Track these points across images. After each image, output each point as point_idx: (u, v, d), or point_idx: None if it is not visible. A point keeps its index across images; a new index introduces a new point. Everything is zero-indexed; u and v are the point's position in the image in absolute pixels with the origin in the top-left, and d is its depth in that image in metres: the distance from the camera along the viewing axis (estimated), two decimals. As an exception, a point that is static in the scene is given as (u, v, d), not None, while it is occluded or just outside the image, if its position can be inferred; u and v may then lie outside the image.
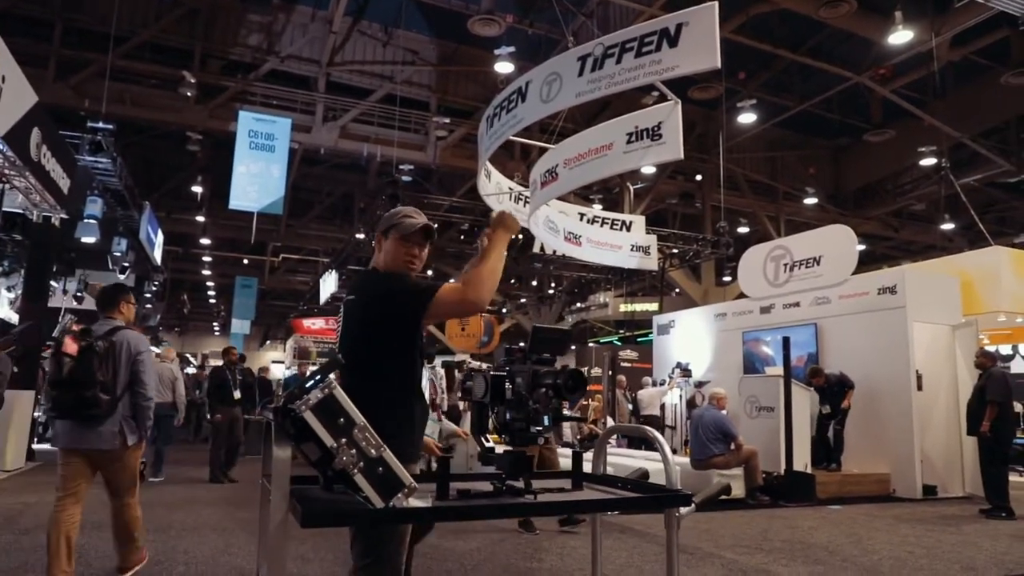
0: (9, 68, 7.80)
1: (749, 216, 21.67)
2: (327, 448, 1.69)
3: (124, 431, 3.95)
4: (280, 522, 1.65)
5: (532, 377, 2.04)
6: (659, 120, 8.67)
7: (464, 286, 2.22)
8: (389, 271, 2.43)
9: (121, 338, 4.04)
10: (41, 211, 9.83)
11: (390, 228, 2.46)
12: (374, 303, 2.32)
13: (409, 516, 1.78)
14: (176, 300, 31.60)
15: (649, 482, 2.29)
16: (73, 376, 3.81)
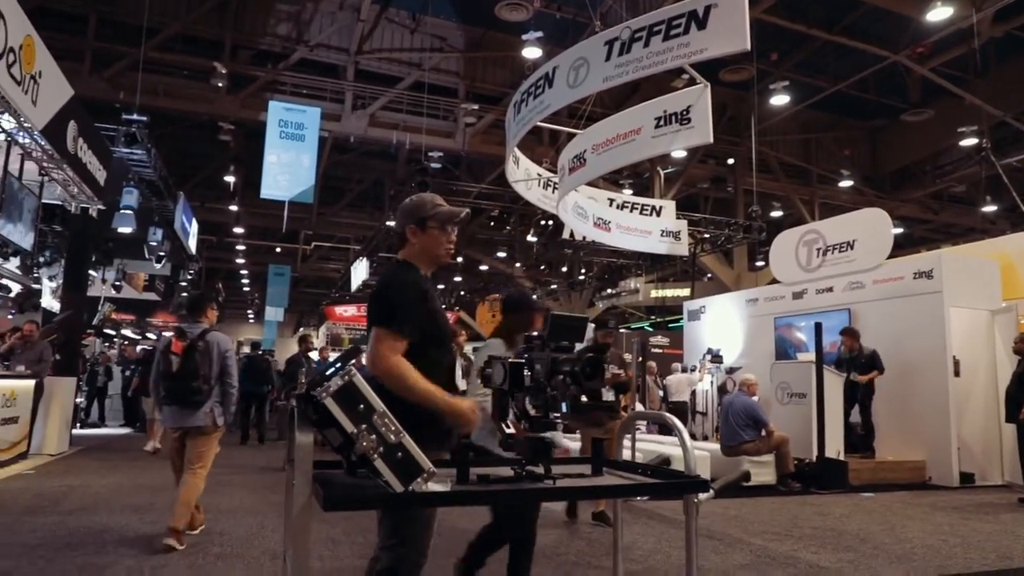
0: (46, 63, 7.96)
1: (782, 200, 21.36)
2: (348, 434, 1.72)
3: (215, 414, 4.86)
4: (303, 506, 1.69)
5: (550, 364, 2.05)
6: (688, 104, 8.59)
7: (386, 355, 2.18)
8: (409, 272, 2.42)
9: (212, 338, 4.96)
10: (79, 202, 10.05)
11: (426, 219, 2.45)
12: (377, 299, 2.36)
13: (428, 500, 1.81)
14: (211, 288, 32.16)
15: (669, 468, 2.29)
16: (181, 370, 4.78)
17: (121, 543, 4.83)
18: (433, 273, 2.61)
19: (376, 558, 2.32)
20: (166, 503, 6.27)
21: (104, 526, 5.30)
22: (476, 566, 3.55)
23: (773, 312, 11.29)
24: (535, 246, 20.75)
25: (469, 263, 27.11)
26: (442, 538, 5.11)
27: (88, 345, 17.74)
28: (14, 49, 7.06)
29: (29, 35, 7.43)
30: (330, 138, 18.26)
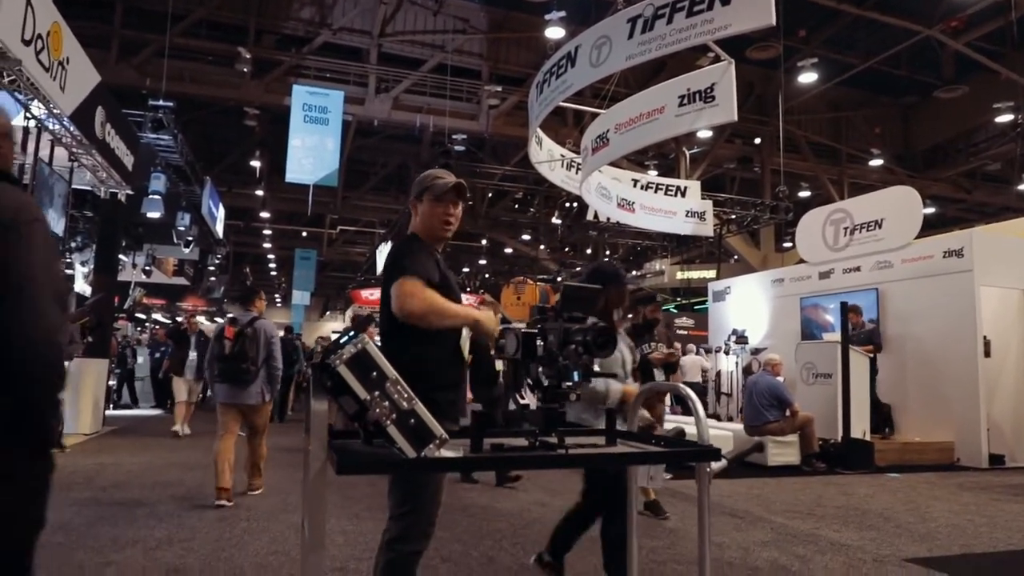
0: (73, 50, 8.09)
1: (811, 180, 21.06)
2: (361, 401, 1.75)
3: (263, 391, 5.60)
4: (318, 471, 1.72)
5: (563, 334, 2.06)
6: (712, 82, 8.50)
7: (412, 291, 2.26)
8: (415, 242, 2.49)
9: (259, 326, 5.68)
10: (108, 188, 10.22)
11: (423, 191, 2.52)
12: (385, 269, 2.43)
13: (440, 465, 1.84)
14: (239, 272, 32.58)
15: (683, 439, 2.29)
16: (233, 353, 5.46)
17: (151, 517, 4.96)
18: (446, 250, 2.65)
19: (387, 529, 2.36)
20: (195, 480, 6.45)
21: (136, 501, 5.43)
22: (565, 550, 3.55)
23: (799, 292, 11.17)
24: (559, 228, 20.70)
25: (493, 246, 27.12)
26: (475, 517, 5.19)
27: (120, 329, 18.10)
28: (42, 36, 7.18)
29: (56, 22, 7.54)
30: (354, 122, 18.32)
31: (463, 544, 4.45)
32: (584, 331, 2.04)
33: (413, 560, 2.32)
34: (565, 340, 2.06)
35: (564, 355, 2.03)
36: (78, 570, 3.68)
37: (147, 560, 3.91)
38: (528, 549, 4.37)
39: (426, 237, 2.52)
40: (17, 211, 1.55)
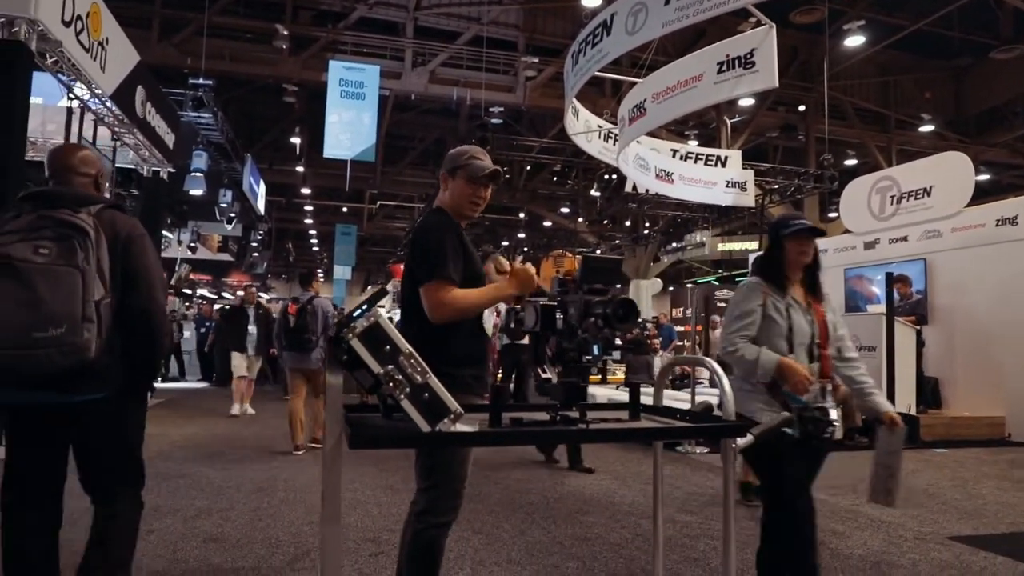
0: (112, 30, 8.19)
1: (857, 147, 20.41)
2: (376, 375, 1.73)
3: (323, 358, 6.40)
4: (334, 443, 1.72)
5: (583, 307, 2.02)
6: (752, 47, 8.27)
7: (443, 302, 2.26)
8: (442, 216, 2.46)
9: (317, 303, 6.76)
10: (150, 166, 10.38)
11: (457, 168, 2.47)
12: (412, 244, 2.42)
13: (454, 440, 1.82)
14: (282, 248, 33.09)
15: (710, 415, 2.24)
16: (297, 326, 6.60)
17: (193, 487, 5.09)
18: (484, 223, 2.62)
19: (415, 501, 2.38)
20: (236, 452, 6.60)
21: (179, 472, 5.58)
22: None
23: (843, 263, 10.87)
24: (598, 200, 20.48)
25: (532, 219, 27.00)
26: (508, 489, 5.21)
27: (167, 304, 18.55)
28: (81, 17, 7.28)
29: (95, 2, 7.63)
30: (391, 96, 18.30)
31: (495, 516, 4.47)
32: (605, 303, 1.99)
33: (441, 531, 2.33)
34: (586, 313, 2.02)
35: (584, 328, 1.99)
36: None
37: (186, 529, 4.01)
38: (559, 523, 4.38)
39: (452, 213, 2.48)
40: (132, 228, 2.30)
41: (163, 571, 3.32)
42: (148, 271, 2.27)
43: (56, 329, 2.00)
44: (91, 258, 2.10)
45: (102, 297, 2.10)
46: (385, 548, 3.75)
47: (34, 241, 2.06)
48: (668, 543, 4.01)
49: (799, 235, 2.73)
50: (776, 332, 2.68)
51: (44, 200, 2.21)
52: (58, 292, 2.02)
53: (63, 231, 2.10)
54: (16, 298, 1.98)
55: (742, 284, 2.89)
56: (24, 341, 1.97)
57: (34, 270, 2.02)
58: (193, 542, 3.77)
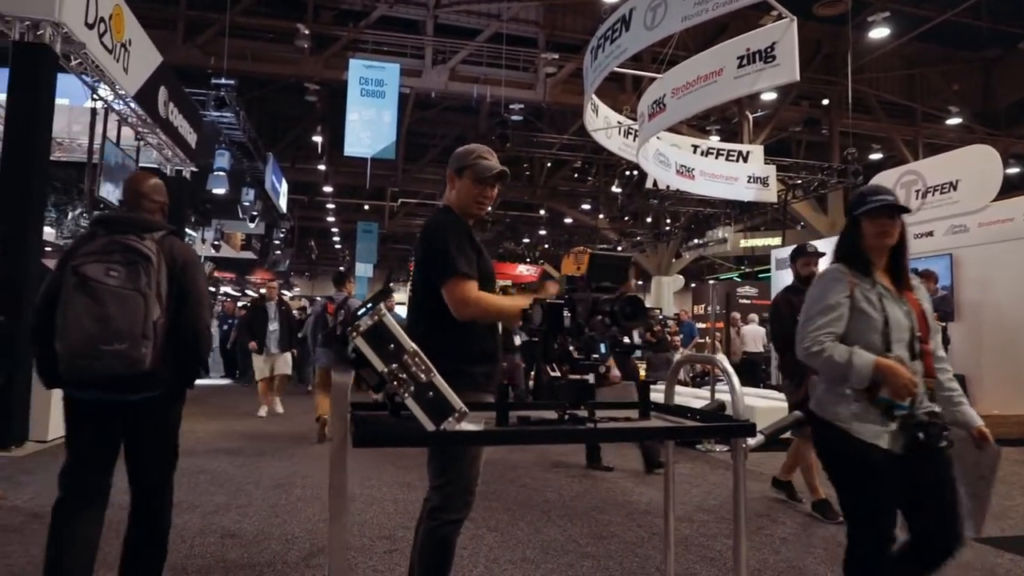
0: (135, 32, 8.31)
1: (883, 141, 20.13)
2: (380, 373, 1.74)
3: None
4: (340, 442, 1.73)
5: (591, 305, 2.00)
6: (772, 40, 8.16)
7: (468, 301, 2.27)
8: (450, 215, 2.46)
9: (351, 303, 7.01)
10: (173, 165, 10.54)
11: (464, 168, 2.47)
12: (423, 243, 2.40)
13: (459, 438, 1.81)
14: (304, 246, 33.34)
15: (722, 413, 2.21)
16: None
17: (212, 483, 5.15)
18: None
19: (428, 498, 2.39)
20: (255, 448, 6.66)
21: (200, 468, 5.64)
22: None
23: (867, 259, 10.73)
24: (619, 197, 20.38)
25: (553, 215, 26.97)
26: (526, 488, 5.20)
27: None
28: (105, 19, 7.39)
29: (118, 4, 7.75)
30: (412, 94, 18.36)
31: (511, 514, 4.47)
32: (612, 301, 1.97)
33: (453, 528, 2.33)
34: (593, 311, 2.01)
35: (590, 326, 1.98)
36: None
37: (204, 524, 4.06)
38: (575, 521, 4.37)
39: (459, 212, 2.48)
40: (187, 255, 2.68)
41: (179, 566, 3.36)
42: (199, 294, 2.65)
43: (120, 344, 2.35)
44: (152, 282, 2.45)
45: (158, 317, 2.46)
46: (400, 545, 3.76)
47: (106, 263, 2.41)
48: (685, 542, 3.99)
49: (877, 213, 2.34)
50: (869, 327, 2.29)
51: (116, 225, 2.58)
52: (124, 312, 2.37)
53: (131, 256, 2.44)
54: (90, 313, 2.34)
55: (822, 273, 2.49)
56: (93, 352, 2.33)
57: (106, 291, 2.37)
58: (210, 538, 3.82)
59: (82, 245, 2.50)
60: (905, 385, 2.16)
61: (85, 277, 2.37)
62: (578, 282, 2.13)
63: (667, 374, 9.35)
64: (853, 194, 2.21)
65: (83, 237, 2.60)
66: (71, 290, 2.38)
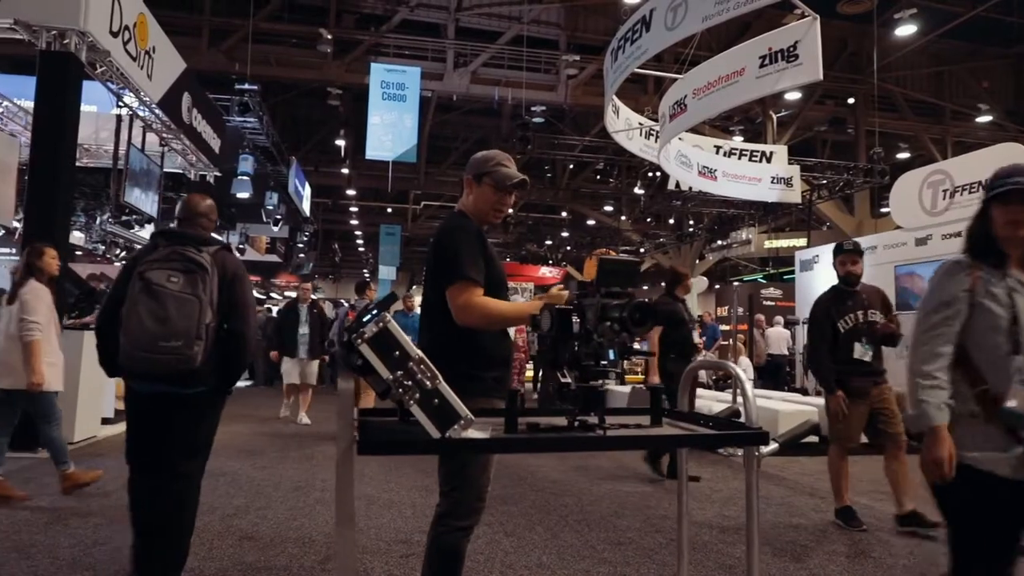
0: (159, 39, 8.42)
1: (910, 140, 19.83)
2: (385, 380, 1.73)
3: None
4: (345, 450, 1.72)
5: (600, 310, 1.97)
6: (795, 39, 8.07)
7: (471, 306, 2.24)
8: (463, 220, 2.44)
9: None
10: (197, 170, 10.66)
11: (483, 175, 2.44)
12: (434, 247, 2.38)
13: (465, 446, 1.80)
14: (328, 249, 33.57)
15: (736, 420, 2.17)
16: None
17: (232, 485, 5.19)
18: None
19: (439, 504, 2.38)
20: (276, 450, 6.71)
21: (220, 470, 5.68)
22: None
23: (893, 260, 10.54)
24: (642, 198, 20.28)
25: (575, 217, 26.90)
26: (544, 492, 5.17)
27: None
28: (129, 27, 7.50)
29: (142, 12, 7.86)
30: (434, 98, 18.43)
31: (528, 519, 4.44)
32: (621, 307, 1.94)
33: (462, 536, 2.32)
34: (602, 316, 1.98)
35: (599, 332, 1.95)
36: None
37: (223, 526, 4.08)
38: (593, 527, 4.33)
39: (475, 218, 2.46)
40: (237, 268, 2.99)
41: (196, 569, 3.39)
42: (246, 303, 3.01)
43: (176, 341, 2.68)
44: (207, 289, 2.79)
45: (210, 321, 2.78)
46: (417, 550, 3.75)
47: (168, 270, 2.76)
48: (704, 548, 3.94)
49: (1009, 198, 2.04)
50: (991, 325, 1.97)
51: (176, 238, 2.92)
52: (181, 314, 2.70)
53: (189, 265, 2.79)
54: (152, 313, 2.69)
55: (943, 263, 2.17)
56: (153, 347, 2.67)
57: (167, 294, 2.71)
58: (228, 540, 3.84)
59: (146, 254, 2.86)
60: (934, 461, 1.93)
61: (149, 282, 2.72)
62: (589, 287, 2.11)
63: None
64: (992, 174, 2.07)
65: (146, 248, 2.96)
66: (136, 292, 2.73)
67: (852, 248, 4.71)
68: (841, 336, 4.52)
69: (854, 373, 4.51)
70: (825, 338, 4.60)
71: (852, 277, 4.63)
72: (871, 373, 4.56)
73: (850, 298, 4.58)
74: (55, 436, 4.67)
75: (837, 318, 4.56)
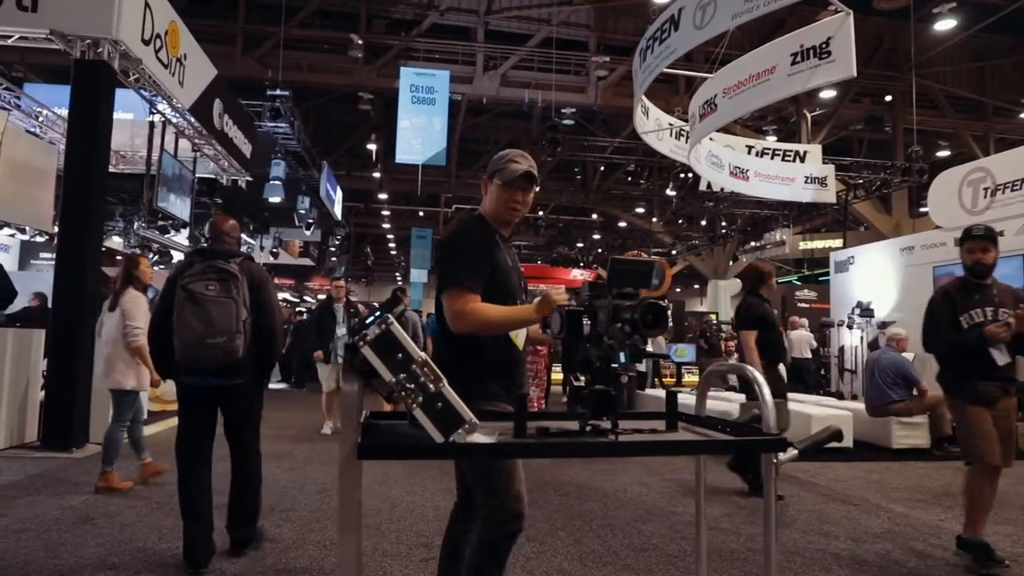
0: (190, 46, 8.55)
1: (950, 138, 19.35)
2: (388, 383, 1.70)
3: None
4: (349, 453, 1.70)
5: (612, 312, 1.92)
6: (827, 36, 7.92)
7: (463, 312, 2.18)
8: (475, 222, 2.42)
9: (407, 316, 8.01)
10: (229, 175, 10.81)
11: (494, 173, 2.41)
12: (438, 249, 2.38)
13: (469, 452, 1.76)
14: (360, 253, 33.87)
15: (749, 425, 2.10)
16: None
17: (259, 488, 5.21)
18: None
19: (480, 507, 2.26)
20: (305, 453, 6.75)
21: (248, 472, 5.71)
22: None
23: (932, 261, 10.27)
24: (674, 200, 20.09)
25: (606, 220, 26.76)
26: (568, 496, 5.12)
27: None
28: (160, 35, 7.62)
29: (173, 20, 7.99)
30: (464, 101, 18.49)
31: (551, 524, 4.39)
32: (632, 308, 1.89)
33: (507, 541, 2.24)
34: (614, 318, 1.93)
35: (610, 334, 1.90)
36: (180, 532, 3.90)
37: (246, 529, 4.09)
38: (617, 532, 4.27)
39: (492, 219, 2.43)
40: (261, 274, 3.62)
41: (217, 570, 3.41)
42: (272, 303, 3.61)
43: (220, 338, 3.27)
44: (239, 292, 3.39)
45: (245, 318, 3.39)
46: (437, 554, 3.71)
47: (205, 281, 3.35)
48: (729, 556, 3.85)
49: None
50: None
51: (209, 255, 3.53)
52: (221, 314, 3.30)
53: (222, 275, 3.39)
54: (196, 316, 3.27)
55: None
56: (202, 344, 3.26)
57: (208, 300, 3.30)
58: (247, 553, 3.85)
59: (185, 270, 3.43)
60: None
61: (191, 292, 3.30)
62: (601, 288, 2.07)
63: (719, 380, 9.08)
64: None
65: (184, 264, 3.56)
66: (181, 302, 3.30)
67: (983, 233, 3.90)
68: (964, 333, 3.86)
69: (984, 377, 3.83)
70: (941, 331, 3.94)
71: (982, 267, 3.86)
72: (1003, 379, 3.86)
73: (978, 291, 3.86)
74: (116, 435, 4.96)
75: (961, 312, 3.89)
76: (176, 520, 3.55)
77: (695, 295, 38.74)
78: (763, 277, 5.72)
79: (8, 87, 9.78)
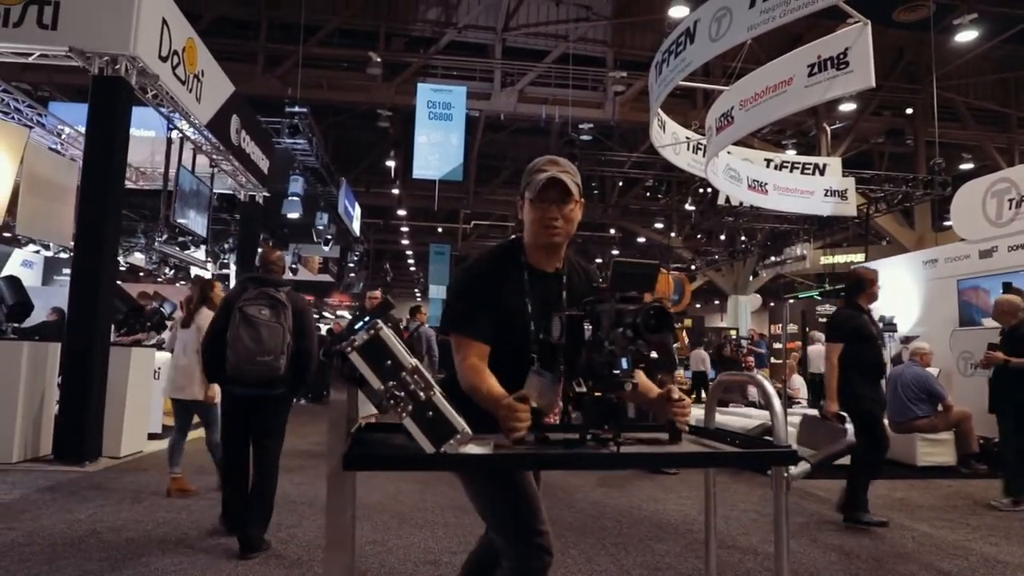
0: (207, 63, 8.63)
1: (973, 150, 19.05)
2: (377, 391, 1.64)
3: None
4: (336, 465, 1.63)
5: (614, 316, 1.85)
6: (845, 46, 7.81)
7: (463, 369, 1.97)
8: (496, 252, 2.17)
9: (422, 331, 8.25)
10: (247, 191, 10.86)
11: (524, 188, 2.06)
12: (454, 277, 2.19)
13: (459, 463, 1.69)
14: (380, 268, 33.98)
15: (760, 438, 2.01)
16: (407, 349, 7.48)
17: (268, 503, 5.15)
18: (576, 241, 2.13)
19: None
20: (315, 467, 6.69)
21: (258, 487, 5.67)
22: None
23: (956, 274, 10.05)
24: (692, 215, 19.95)
25: (625, 235, 26.64)
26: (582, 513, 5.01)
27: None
28: (178, 52, 7.70)
29: (190, 37, 8.07)
30: (482, 117, 18.55)
31: (563, 541, 4.29)
32: (635, 312, 1.81)
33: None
34: (616, 323, 1.86)
35: (611, 340, 1.82)
36: (183, 546, 3.86)
37: (251, 545, 4.04)
38: (630, 550, 4.16)
39: (530, 244, 2.10)
40: (303, 302, 4.13)
41: (220, 587, 3.34)
42: (310, 329, 4.10)
43: (268, 356, 3.80)
44: (286, 319, 3.89)
45: (288, 341, 3.88)
46: (445, 572, 3.65)
47: (258, 306, 3.86)
48: (746, 575, 3.73)
49: None
50: None
51: (260, 282, 4.00)
52: (271, 337, 3.82)
53: (273, 302, 3.90)
54: (250, 336, 3.79)
55: None
56: (252, 360, 3.78)
57: (260, 323, 3.82)
58: (255, 558, 3.79)
59: (240, 294, 3.93)
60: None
61: (247, 315, 3.82)
62: (604, 293, 1.99)
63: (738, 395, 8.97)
64: None
65: (239, 289, 4.06)
66: (238, 322, 3.81)
67: None
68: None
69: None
70: None
71: None
72: None
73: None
74: (211, 440, 5.27)
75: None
76: (179, 537, 3.70)
77: (715, 311, 38.40)
78: (862, 284, 5.19)
79: (31, 104, 9.94)
